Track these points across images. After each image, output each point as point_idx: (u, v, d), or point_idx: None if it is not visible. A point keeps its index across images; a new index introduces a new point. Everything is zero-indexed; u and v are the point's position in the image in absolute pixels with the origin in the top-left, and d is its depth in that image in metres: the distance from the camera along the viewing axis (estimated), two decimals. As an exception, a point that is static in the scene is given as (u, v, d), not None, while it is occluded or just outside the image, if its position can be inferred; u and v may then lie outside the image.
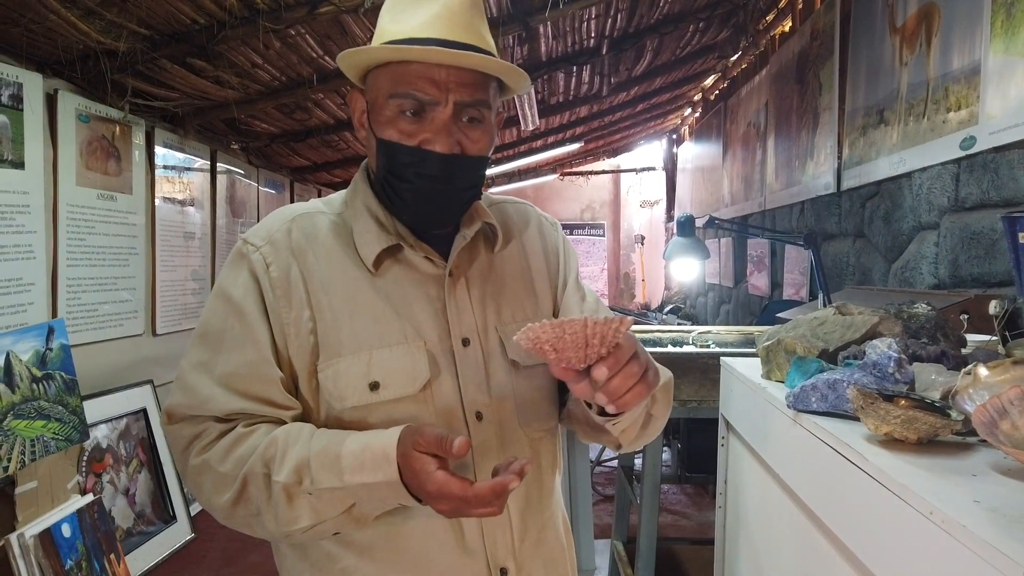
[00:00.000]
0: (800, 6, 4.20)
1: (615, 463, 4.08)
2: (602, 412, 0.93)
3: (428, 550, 0.98)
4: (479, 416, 1.01)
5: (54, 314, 2.80)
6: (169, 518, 3.29)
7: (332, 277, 1.01)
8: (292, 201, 5.53)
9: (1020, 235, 1.34)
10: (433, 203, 1.01)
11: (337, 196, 1.12)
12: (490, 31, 1.04)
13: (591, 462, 3.60)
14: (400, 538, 0.98)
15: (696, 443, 4.20)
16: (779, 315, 3.09)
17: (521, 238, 1.16)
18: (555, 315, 1.17)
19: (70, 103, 2.91)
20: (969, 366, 0.93)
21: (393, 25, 0.98)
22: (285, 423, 0.97)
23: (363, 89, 1.05)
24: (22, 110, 2.59)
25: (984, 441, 0.85)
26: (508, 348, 1.05)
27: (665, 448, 4.66)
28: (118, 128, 3.23)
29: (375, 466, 0.87)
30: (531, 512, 1.07)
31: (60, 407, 2.43)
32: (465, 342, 1.03)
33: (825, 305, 2.29)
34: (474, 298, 1.05)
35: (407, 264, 1.03)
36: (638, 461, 3.41)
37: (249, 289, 0.99)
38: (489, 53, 0.98)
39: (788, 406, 1.13)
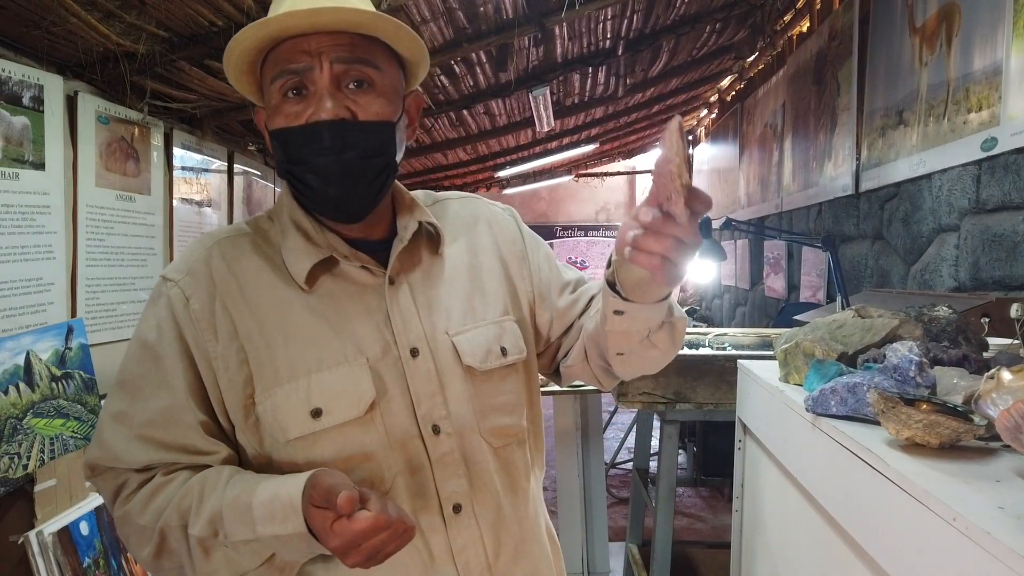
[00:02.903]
0: (818, 6, 4.17)
1: (630, 465, 4.06)
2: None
3: None
4: (435, 430, 0.95)
5: (73, 314, 2.83)
6: (185, 517, 3.31)
7: (260, 301, 0.94)
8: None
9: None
10: (336, 179, 0.92)
11: (262, 214, 1.04)
12: (506, 33, 1.01)
13: (605, 464, 3.58)
14: (367, 572, 0.87)
15: (712, 446, 4.17)
16: (796, 317, 3.07)
17: (469, 235, 1.08)
18: (533, 309, 1.10)
19: (90, 105, 2.94)
20: (992, 370, 0.91)
21: (272, 13, 0.92)
22: (206, 468, 0.91)
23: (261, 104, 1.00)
24: (43, 112, 2.62)
25: (1008, 446, 0.83)
26: (462, 354, 0.98)
27: (681, 451, 4.64)
28: (137, 129, 3.26)
29: (283, 517, 0.81)
30: (504, 525, 0.99)
31: (79, 406, 2.45)
32: (414, 352, 0.95)
33: (844, 308, 2.27)
34: (419, 304, 0.98)
35: (343, 277, 0.96)
36: (653, 464, 3.39)
37: (165, 329, 0.93)
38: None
39: (807, 409, 1.12)
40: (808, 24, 4.39)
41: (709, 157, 7.67)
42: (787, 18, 4.65)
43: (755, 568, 1.57)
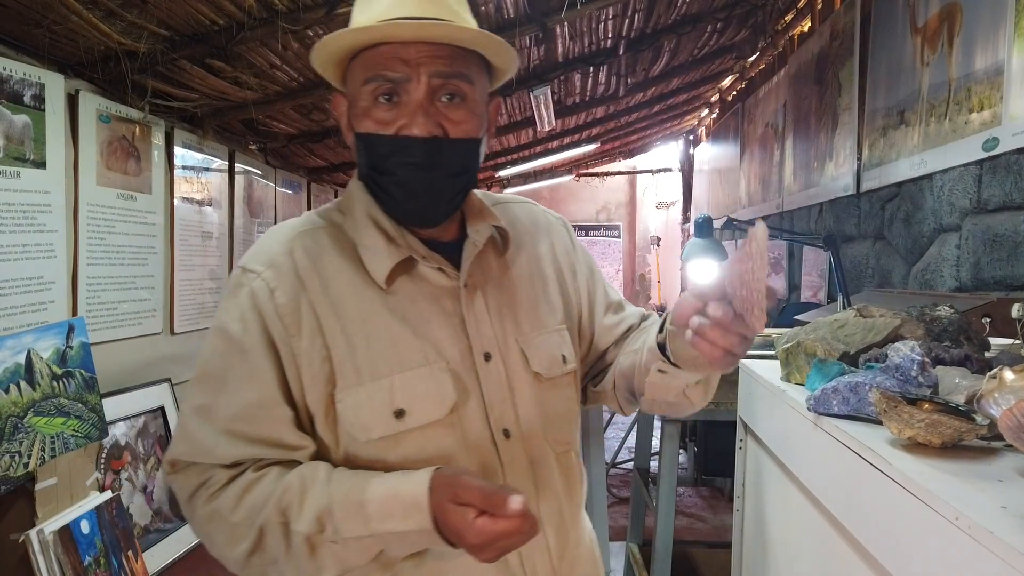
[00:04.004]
0: (819, 6, 4.17)
1: (631, 465, 4.06)
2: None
3: None
4: (507, 434, 0.97)
5: (74, 312, 2.83)
6: (186, 516, 3.31)
7: (343, 299, 0.93)
8: (309, 201, 5.55)
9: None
10: (420, 194, 0.93)
11: (331, 207, 1.04)
12: (507, 33, 1.02)
13: (606, 464, 3.58)
14: (441, 570, 0.93)
15: (713, 445, 4.17)
16: (797, 317, 3.07)
17: (531, 241, 1.10)
18: (580, 321, 1.12)
19: (91, 103, 2.94)
20: (994, 370, 0.91)
21: (362, 15, 0.93)
22: (299, 463, 0.91)
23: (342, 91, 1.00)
24: (44, 110, 2.62)
25: (1010, 446, 0.83)
26: (530, 360, 1.00)
27: (681, 451, 4.64)
28: (138, 128, 3.26)
29: (405, 514, 0.83)
30: (565, 530, 1.03)
31: (80, 404, 2.45)
32: (487, 357, 0.97)
33: (845, 307, 2.27)
34: (491, 309, 0.99)
35: (420, 278, 0.96)
36: (654, 463, 3.39)
37: (250, 321, 0.91)
38: None
39: (809, 409, 1.12)
40: (809, 24, 4.39)
41: (710, 157, 7.67)
42: (788, 18, 4.65)
43: (756, 568, 1.57)
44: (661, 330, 0.95)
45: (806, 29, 4.47)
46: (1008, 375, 0.90)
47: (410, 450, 0.91)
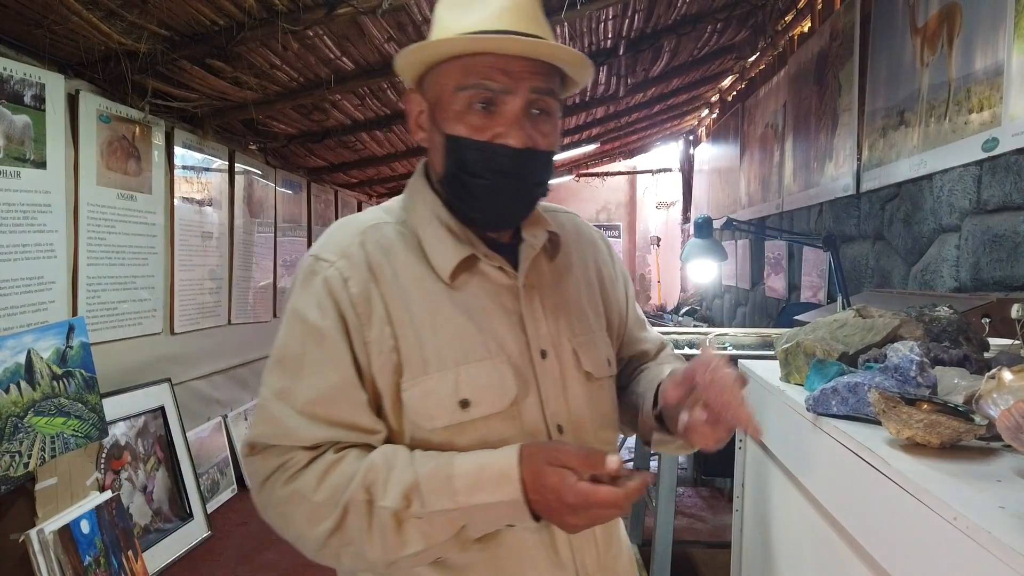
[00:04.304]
0: (819, 6, 4.17)
1: (630, 465, 4.06)
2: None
3: (523, 568, 0.97)
4: (560, 429, 0.99)
5: (74, 312, 2.83)
6: (186, 515, 3.31)
7: (410, 292, 0.96)
8: (309, 201, 5.56)
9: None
10: (506, 200, 0.98)
11: (395, 203, 1.07)
12: None
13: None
14: (497, 558, 0.95)
15: (712, 446, 4.16)
16: (796, 318, 3.07)
17: (577, 249, 1.14)
18: (615, 331, 1.17)
19: (91, 103, 2.94)
20: (993, 370, 0.91)
21: (456, 21, 0.95)
22: (373, 447, 0.93)
23: (418, 90, 1.02)
24: (44, 110, 2.62)
25: (1008, 446, 0.83)
26: (582, 360, 1.04)
27: (680, 451, 4.63)
28: (138, 128, 3.26)
29: (496, 486, 0.86)
30: (609, 526, 1.06)
31: (80, 404, 2.46)
32: (543, 354, 1.00)
33: (844, 308, 2.27)
34: (546, 309, 1.03)
35: (481, 275, 1.00)
36: (653, 463, 3.39)
37: (326, 307, 0.94)
38: None
39: (808, 409, 1.12)
40: (809, 24, 4.39)
41: (710, 157, 7.67)
42: (788, 18, 4.65)
43: (755, 568, 1.57)
44: (656, 404, 1.03)
45: (806, 29, 4.47)
46: (1007, 375, 0.90)
47: (473, 439, 0.93)
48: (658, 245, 10.26)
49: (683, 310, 7.93)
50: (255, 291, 4.61)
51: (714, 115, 7.57)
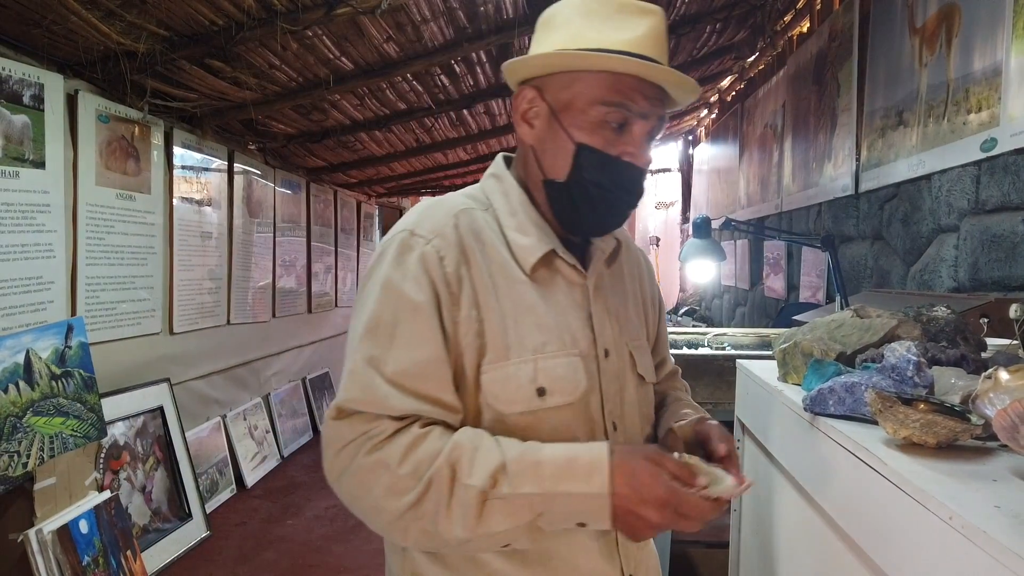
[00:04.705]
0: (818, 6, 4.17)
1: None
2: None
3: (576, 557, 0.99)
4: (615, 426, 1.03)
5: (73, 312, 2.83)
6: (185, 516, 3.31)
7: (496, 278, 0.99)
8: (309, 201, 5.56)
9: (1042, 238, 1.32)
10: (618, 212, 1.03)
11: (476, 191, 1.09)
12: (506, 33, 1.06)
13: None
14: (551, 546, 0.98)
15: (711, 446, 4.16)
16: (795, 318, 3.07)
17: (628, 260, 1.19)
18: (651, 343, 1.22)
19: (90, 103, 2.94)
20: (990, 370, 0.91)
21: (600, 35, 0.98)
22: (452, 426, 0.94)
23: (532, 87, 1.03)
24: (43, 110, 2.62)
25: (1005, 446, 0.84)
26: (637, 363, 1.09)
27: (680, 451, 4.62)
28: (137, 128, 3.26)
29: (585, 476, 0.87)
30: None
31: (78, 404, 2.46)
32: (606, 353, 1.04)
33: (843, 308, 2.28)
34: (609, 311, 1.07)
35: (557, 271, 1.04)
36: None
37: (422, 282, 0.95)
38: None
39: (805, 409, 1.12)
40: (808, 24, 4.39)
41: (709, 157, 7.67)
42: (787, 18, 4.65)
43: (753, 567, 1.57)
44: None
45: (805, 30, 4.48)
46: (1003, 375, 0.90)
47: (546, 426, 0.96)
48: (657, 245, 10.25)
49: (682, 310, 7.93)
50: (254, 291, 4.61)
51: (713, 115, 7.57)
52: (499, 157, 1.12)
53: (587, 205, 1.01)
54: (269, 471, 4.53)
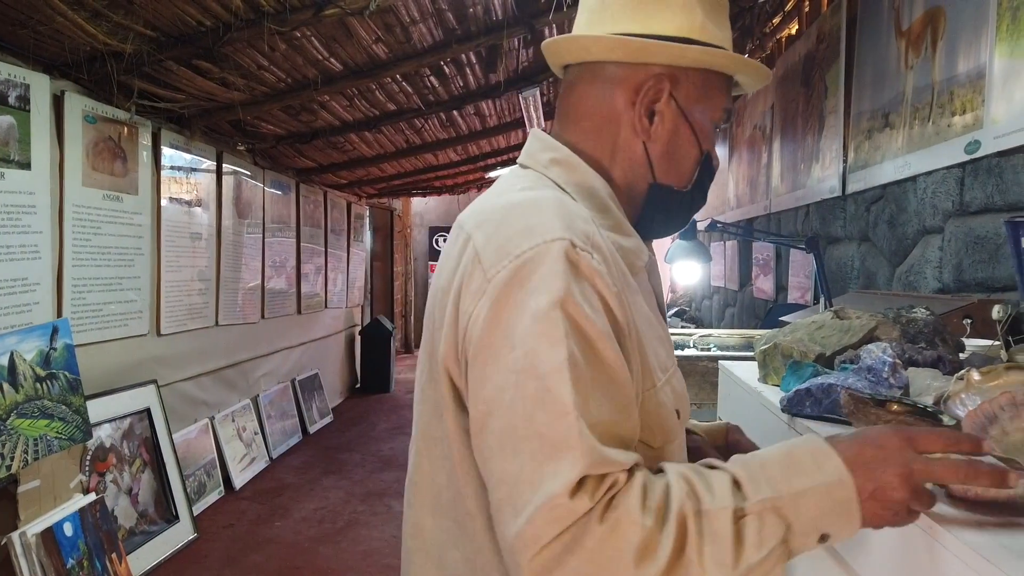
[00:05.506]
0: (807, 9, 4.19)
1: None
2: None
3: None
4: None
5: (59, 314, 2.82)
6: (172, 518, 3.30)
7: (632, 290, 0.83)
8: (298, 202, 5.55)
9: (1023, 239, 1.33)
10: (691, 216, 0.98)
11: (535, 179, 0.90)
12: (495, 34, 1.02)
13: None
14: None
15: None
16: (782, 319, 3.08)
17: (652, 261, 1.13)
18: None
19: (77, 104, 2.93)
20: (962, 371, 0.92)
21: (720, 30, 0.91)
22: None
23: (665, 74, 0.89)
24: (29, 111, 2.61)
25: (976, 447, 0.84)
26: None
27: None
28: (125, 129, 3.25)
29: (813, 463, 0.69)
30: None
31: (63, 406, 2.45)
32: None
33: (826, 309, 2.29)
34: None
35: (641, 278, 0.92)
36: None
37: (598, 308, 0.74)
38: None
39: (783, 410, 1.13)
40: (797, 27, 4.41)
41: (700, 159, 7.69)
42: (776, 20, 4.67)
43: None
44: None
45: (794, 32, 4.49)
46: (975, 376, 0.91)
47: (679, 450, 0.87)
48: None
49: (672, 311, 7.95)
50: (243, 292, 4.60)
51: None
52: (542, 135, 0.94)
53: (689, 212, 0.95)
54: (257, 473, 4.52)
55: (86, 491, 2.59)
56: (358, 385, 7.59)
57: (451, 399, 0.79)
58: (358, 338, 7.52)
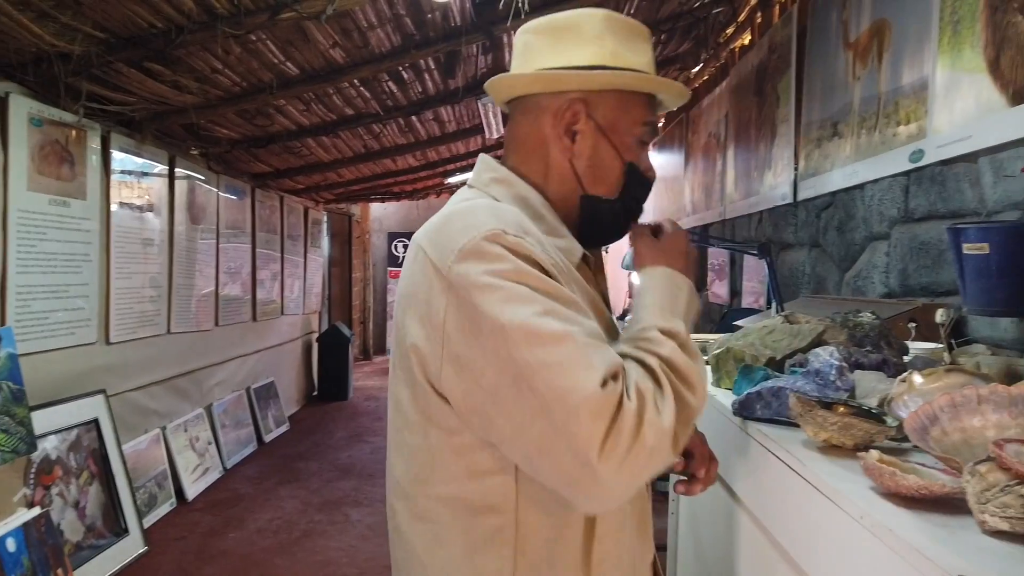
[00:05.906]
0: (759, 20, 4.28)
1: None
2: None
3: (645, 522, 1.02)
4: None
5: (2, 322, 2.73)
6: (121, 531, 3.22)
7: (568, 276, 0.93)
8: (254, 207, 5.47)
9: (964, 246, 1.38)
10: (629, 226, 1.08)
11: (479, 196, 1.01)
12: (454, 41, 1.06)
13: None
14: (642, 512, 1.01)
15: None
16: (736, 323, 3.13)
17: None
18: None
19: (22, 106, 2.85)
20: (905, 374, 0.95)
21: (633, 55, 1.02)
22: None
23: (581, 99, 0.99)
24: (-30, 113, 2.53)
25: (917, 447, 0.87)
26: None
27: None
28: (72, 132, 3.17)
29: (675, 285, 0.98)
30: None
31: (6, 418, 2.37)
32: None
33: (778, 313, 2.33)
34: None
35: (582, 272, 1.02)
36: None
37: (544, 260, 0.86)
38: None
39: (734, 413, 1.15)
40: (750, 37, 4.50)
41: (656, 165, 7.75)
42: (730, 31, 4.76)
43: (689, 570, 1.59)
44: None
45: (747, 42, 4.58)
46: (917, 379, 0.94)
47: None
48: (606, 251, 10.35)
49: (628, 316, 8.01)
50: (197, 299, 4.51)
51: (659, 124, 7.69)
52: (488, 159, 1.05)
53: (624, 220, 1.05)
54: (211, 483, 4.43)
55: (30, 505, 2.51)
56: (315, 393, 7.49)
57: (424, 391, 0.89)
58: (315, 345, 7.43)
